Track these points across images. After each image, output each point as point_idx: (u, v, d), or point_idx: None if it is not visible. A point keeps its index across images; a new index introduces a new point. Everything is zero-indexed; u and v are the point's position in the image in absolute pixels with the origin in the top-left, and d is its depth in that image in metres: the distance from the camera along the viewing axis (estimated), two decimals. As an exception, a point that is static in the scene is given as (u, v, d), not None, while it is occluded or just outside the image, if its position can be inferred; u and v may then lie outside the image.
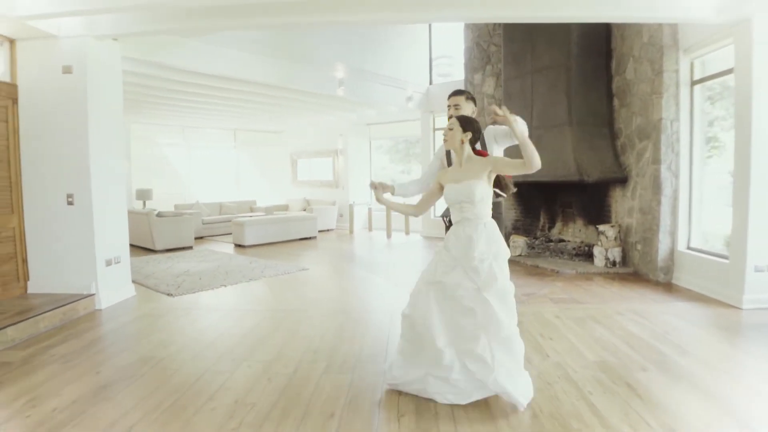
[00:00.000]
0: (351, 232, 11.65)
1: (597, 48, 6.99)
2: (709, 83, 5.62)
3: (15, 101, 5.16)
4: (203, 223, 10.96)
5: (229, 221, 10.73)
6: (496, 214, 3.36)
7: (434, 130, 10.60)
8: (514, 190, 3.49)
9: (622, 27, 6.61)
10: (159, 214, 9.07)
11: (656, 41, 5.84)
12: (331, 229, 12.24)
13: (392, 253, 9.19)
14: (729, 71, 5.09)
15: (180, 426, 2.71)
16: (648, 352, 3.77)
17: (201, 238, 10.85)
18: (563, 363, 3.57)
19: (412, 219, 11.34)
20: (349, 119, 11.79)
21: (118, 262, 5.63)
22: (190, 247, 9.45)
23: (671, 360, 3.59)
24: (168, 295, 5.82)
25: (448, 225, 3.41)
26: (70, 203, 5.26)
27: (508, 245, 7.71)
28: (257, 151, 13.89)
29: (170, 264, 7.76)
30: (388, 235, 10.97)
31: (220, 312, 5.09)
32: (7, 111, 5.10)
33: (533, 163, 2.73)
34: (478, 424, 2.71)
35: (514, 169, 2.90)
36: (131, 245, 9.55)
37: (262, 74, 7.27)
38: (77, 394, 3.12)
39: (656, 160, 5.92)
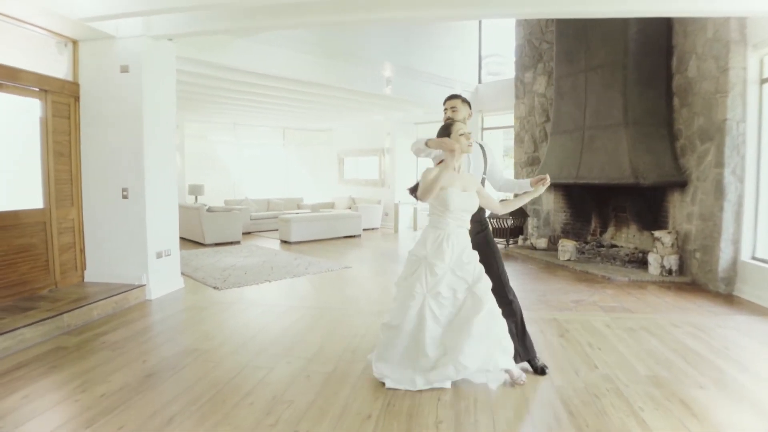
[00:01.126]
0: (396, 231, 11.62)
1: (656, 45, 6.63)
2: (780, 82, 5.23)
3: (77, 99, 5.42)
4: (251, 219, 11.21)
5: (277, 217, 10.93)
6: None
7: (482, 129, 10.40)
8: None
9: (685, 22, 6.24)
10: (209, 209, 9.34)
11: (722, 36, 5.47)
12: (376, 228, 12.25)
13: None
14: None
15: (218, 419, 2.74)
16: (705, 368, 3.53)
17: (249, 233, 11.10)
18: (613, 376, 3.39)
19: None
20: (396, 118, 11.76)
21: (168, 255, 5.82)
22: (238, 242, 9.68)
23: (730, 377, 3.35)
24: (214, 288, 5.96)
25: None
26: (124, 197, 5.48)
27: (557, 249, 7.54)
28: (305, 149, 14.10)
29: (218, 258, 7.96)
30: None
31: (263, 307, 5.17)
32: (70, 108, 5.36)
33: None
34: (519, 436, 2.61)
35: (482, 202, 3.24)
36: (182, 239, 9.94)
37: (309, 73, 7.34)
38: (124, 381, 3.23)
39: (719, 164, 5.56)
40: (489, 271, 3.23)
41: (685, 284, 6.07)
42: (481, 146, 3.58)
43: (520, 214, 8.97)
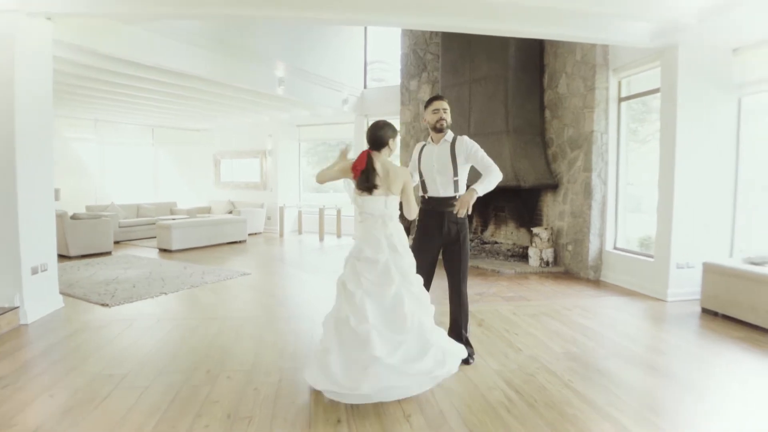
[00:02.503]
0: (281, 235, 11.38)
1: (532, 62, 7.50)
2: (631, 101, 6.27)
3: None
4: (120, 227, 10.12)
5: (149, 224, 10.07)
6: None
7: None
8: None
9: (555, 44, 7.15)
10: (73, 217, 8.26)
11: (589, 60, 6.40)
12: (259, 233, 11.87)
13: (329, 256, 9.14)
14: (654, 91, 5.72)
15: (184, 444, 2.53)
16: (605, 341, 4.14)
17: (118, 242, 10.02)
18: (536, 356, 3.81)
19: (343, 221, 11.32)
20: (279, 119, 11.51)
21: (45, 270, 5.05)
22: (109, 253, 8.70)
23: (627, 348, 3.98)
24: (103, 305, 5.33)
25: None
26: (-8, 203, 4.66)
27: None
28: (177, 150, 13.08)
29: (92, 271, 7.10)
30: (321, 238, 10.88)
31: (171, 322, 4.76)
32: None
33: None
34: (483, 415, 2.83)
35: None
36: (39, 251, 8.66)
37: (201, 67, 6.87)
38: (36, 422, 2.76)
39: (587, 168, 6.48)
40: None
41: (560, 273, 6.94)
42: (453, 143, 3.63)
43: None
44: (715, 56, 5.30)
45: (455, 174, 3.57)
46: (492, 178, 3.46)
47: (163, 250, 9.03)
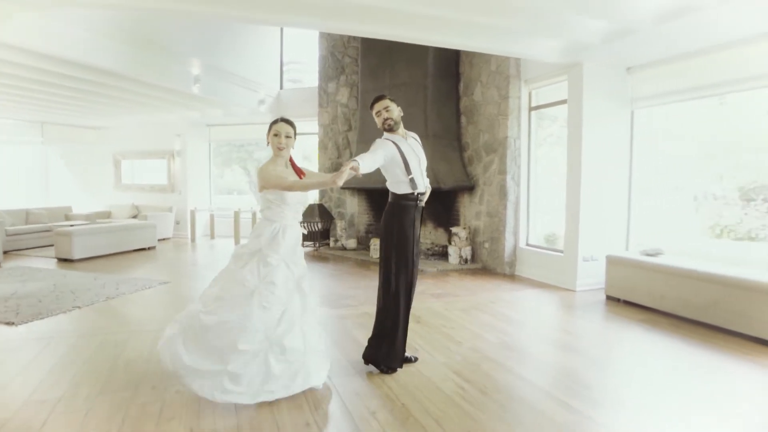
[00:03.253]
0: (192, 240, 10.85)
1: (449, 71, 7.92)
2: (541, 109, 6.88)
3: None
4: (7, 235, 9.05)
5: (42, 231, 9.13)
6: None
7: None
8: None
9: (471, 54, 7.62)
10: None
11: (503, 71, 6.92)
12: (168, 238, 11.21)
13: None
14: (561, 102, 6.33)
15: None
16: (529, 330, 4.58)
17: (5, 252, 8.96)
18: (476, 347, 4.10)
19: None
20: (189, 118, 10.95)
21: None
22: (-2, 265, 7.80)
23: (549, 334, 4.45)
24: (8, 324, 4.81)
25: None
26: None
27: (367, 248, 8.27)
28: (71, 149, 11.90)
29: (-18, 286, 6.34)
30: (236, 242, 10.55)
31: (95, 338, 4.42)
32: None
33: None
34: (443, 405, 3.03)
35: None
36: None
37: (108, 60, 6.31)
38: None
39: (502, 171, 7.00)
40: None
41: (478, 270, 7.42)
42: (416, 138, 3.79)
43: (328, 217, 9.49)
44: (613, 73, 6.00)
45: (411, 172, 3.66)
46: None
47: (63, 260, 8.24)
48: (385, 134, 3.73)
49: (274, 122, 3.45)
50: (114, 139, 12.24)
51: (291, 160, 3.46)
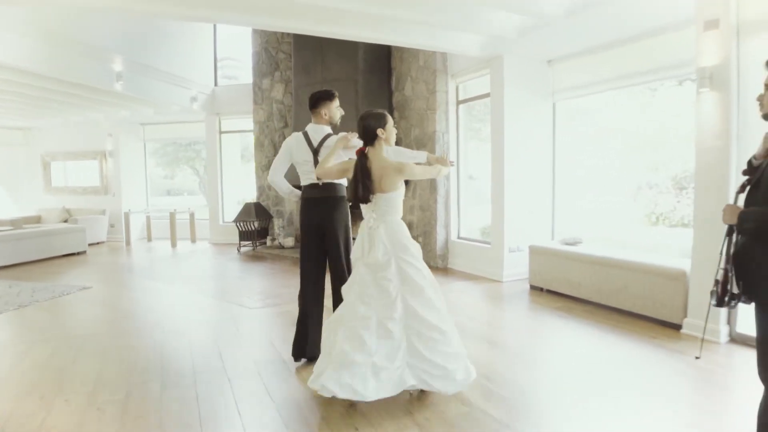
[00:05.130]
0: (128, 243, 10.46)
1: (380, 65, 7.89)
2: (471, 103, 6.93)
3: None
4: None
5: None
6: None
7: (220, 132, 10.30)
8: None
9: (401, 50, 7.61)
10: None
11: (430, 65, 6.94)
12: (102, 242, 10.76)
13: (182, 262, 8.68)
14: (486, 95, 6.39)
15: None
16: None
17: None
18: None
19: (198, 225, 10.75)
20: (119, 117, 10.52)
21: None
22: None
23: (470, 326, 4.46)
24: None
25: None
26: None
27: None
28: (7, 152, 11.27)
29: None
30: (173, 245, 10.24)
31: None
32: None
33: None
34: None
35: None
36: None
37: (16, 57, 6.05)
38: None
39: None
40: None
41: (413, 264, 7.43)
42: None
43: (265, 215, 9.33)
44: (534, 66, 6.10)
45: None
46: None
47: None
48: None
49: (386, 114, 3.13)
50: (42, 140, 11.66)
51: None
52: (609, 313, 4.72)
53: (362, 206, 3.01)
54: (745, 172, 2.18)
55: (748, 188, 2.11)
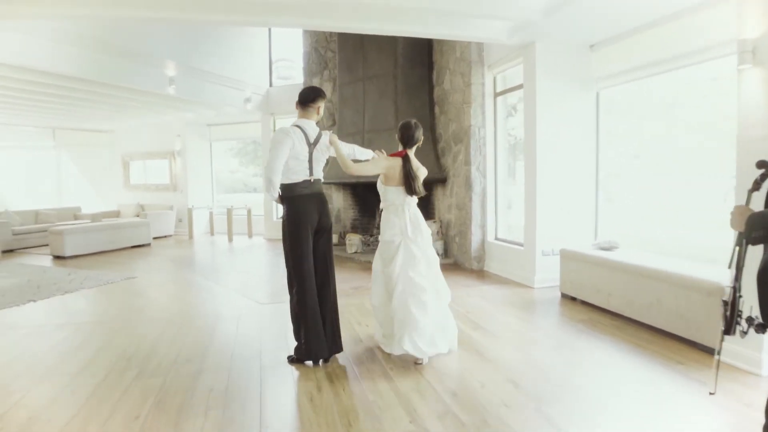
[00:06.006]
0: (191, 237, 11.12)
1: (420, 60, 7.64)
2: (510, 94, 6.46)
3: None
4: (14, 234, 9.61)
5: (47, 231, 9.58)
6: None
7: (274, 131, 10.59)
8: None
9: (441, 42, 7.31)
10: (-49, 225, 7.80)
11: (466, 57, 6.58)
12: (170, 235, 11.55)
13: (230, 257, 9.02)
14: (520, 86, 5.92)
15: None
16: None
17: (11, 250, 9.52)
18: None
19: (254, 221, 11.14)
20: (186, 119, 11.24)
21: None
22: (-5, 261, 8.27)
23: (465, 334, 4.12)
24: (-41, 316, 5.07)
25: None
26: None
27: (344, 244, 8.14)
28: (82, 152, 12.52)
29: (-36, 281, 6.73)
30: (230, 239, 10.72)
31: (25, 329, 4.58)
32: None
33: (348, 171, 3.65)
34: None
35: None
36: None
37: (76, 68, 6.64)
38: None
39: (467, 162, 6.66)
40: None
41: (449, 265, 7.10)
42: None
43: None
44: (573, 52, 5.54)
45: None
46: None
47: (57, 257, 8.65)
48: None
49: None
50: (122, 142, 12.78)
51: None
52: (637, 330, 4.10)
53: (392, 196, 3.70)
54: (760, 165, 1.76)
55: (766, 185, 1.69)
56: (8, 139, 11.18)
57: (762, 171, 1.74)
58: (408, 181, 3.64)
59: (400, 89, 7.52)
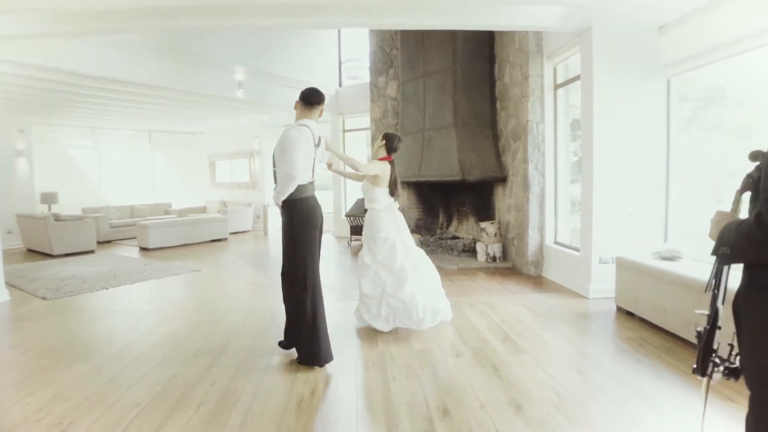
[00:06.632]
0: (265, 233, 11.63)
1: (480, 53, 7.30)
2: (571, 86, 5.95)
3: None
4: (111, 227, 10.68)
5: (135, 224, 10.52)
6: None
7: (344, 131, 10.74)
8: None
9: (502, 34, 6.93)
10: (57, 218, 8.80)
11: (524, 47, 6.16)
12: (247, 231, 12.19)
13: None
14: (578, 77, 5.43)
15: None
16: (472, 339, 4.00)
17: (109, 242, 10.58)
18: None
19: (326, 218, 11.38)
20: (262, 121, 11.78)
21: (-14, 268, 5.48)
22: (92, 251, 9.20)
23: (490, 346, 3.84)
24: (42, 298, 5.69)
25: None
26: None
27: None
28: (174, 153, 13.65)
29: (61, 268, 7.55)
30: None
31: (90, 313, 5.05)
32: None
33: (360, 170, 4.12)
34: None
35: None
36: (29, 250, 9.30)
37: (149, 76, 7.21)
38: None
39: (525, 160, 6.25)
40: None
41: (506, 269, 6.72)
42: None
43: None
44: (638, 36, 4.96)
45: (273, 165, 3.54)
46: (278, 186, 3.40)
47: (143, 249, 9.45)
48: None
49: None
50: (208, 142, 13.73)
51: None
52: (689, 355, 3.51)
53: (382, 197, 4.21)
54: (754, 156, 1.45)
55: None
56: (110, 141, 12.46)
57: (756, 164, 1.38)
58: (393, 183, 4.19)
59: (459, 85, 7.25)
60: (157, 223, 9.51)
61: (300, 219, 3.45)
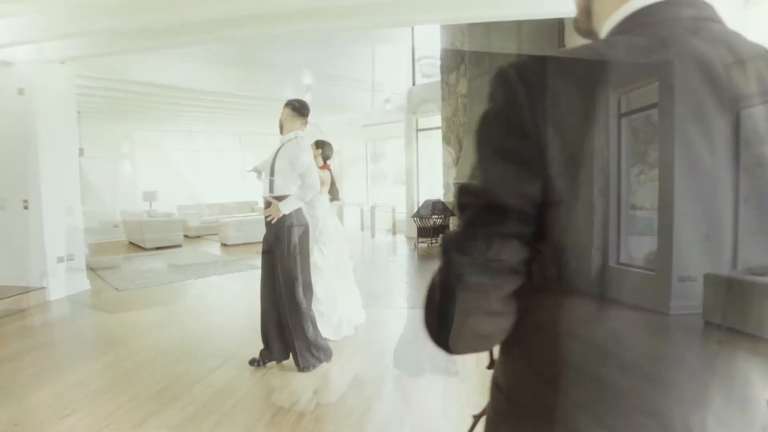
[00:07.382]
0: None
1: (549, 44, 6.74)
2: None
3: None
4: (201, 223, 11.52)
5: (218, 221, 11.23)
6: None
7: (417, 130, 10.55)
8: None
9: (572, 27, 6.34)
10: (149, 214, 9.68)
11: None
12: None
13: (360, 252, 9.30)
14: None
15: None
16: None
17: (198, 237, 11.42)
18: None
19: (398, 219, 11.28)
20: (339, 122, 11.98)
21: (72, 259, 6.14)
22: (179, 246, 9.98)
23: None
24: (115, 288, 6.27)
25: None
26: (25, 207, 5.83)
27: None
28: (263, 154, 14.32)
29: (145, 261, 8.30)
30: (372, 235, 11.07)
31: (144, 304, 5.46)
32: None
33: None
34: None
35: None
36: (130, 243, 10.31)
37: (221, 84, 7.69)
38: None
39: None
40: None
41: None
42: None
43: (447, 212, 9.10)
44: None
45: (271, 173, 3.52)
46: (301, 194, 3.37)
47: (224, 245, 10.07)
48: None
49: None
50: (293, 144, 14.24)
51: None
52: None
53: (326, 200, 4.33)
54: None
55: None
56: (204, 144, 13.47)
57: None
58: (334, 188, 4.42)
59: (524, 81, 6.77)
60: (236, 221, 10.08)
61: (301, 229, 3.63)
